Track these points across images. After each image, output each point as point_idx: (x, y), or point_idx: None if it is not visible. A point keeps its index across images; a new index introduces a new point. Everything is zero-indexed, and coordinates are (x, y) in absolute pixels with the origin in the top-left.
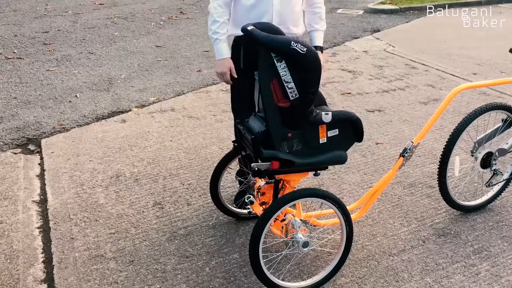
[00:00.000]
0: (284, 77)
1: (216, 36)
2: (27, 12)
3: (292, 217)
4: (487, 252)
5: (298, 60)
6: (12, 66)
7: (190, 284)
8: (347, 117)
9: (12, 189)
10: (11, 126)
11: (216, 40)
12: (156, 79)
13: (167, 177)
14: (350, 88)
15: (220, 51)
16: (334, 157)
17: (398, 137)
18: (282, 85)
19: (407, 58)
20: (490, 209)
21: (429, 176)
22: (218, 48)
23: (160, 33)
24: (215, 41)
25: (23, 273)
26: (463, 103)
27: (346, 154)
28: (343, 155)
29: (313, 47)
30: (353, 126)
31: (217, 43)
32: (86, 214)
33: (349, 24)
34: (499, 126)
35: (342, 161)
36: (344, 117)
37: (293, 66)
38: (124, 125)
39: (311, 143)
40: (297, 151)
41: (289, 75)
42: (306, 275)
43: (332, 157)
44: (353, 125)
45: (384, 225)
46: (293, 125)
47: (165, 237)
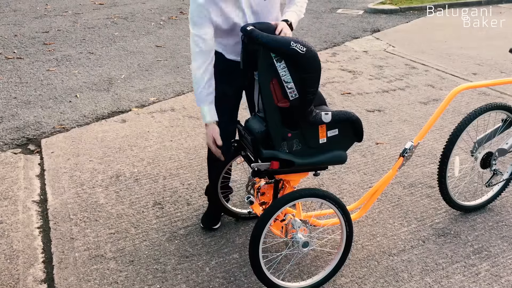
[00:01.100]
0: (284, 77)
1: (199, 97)
2: (27, 12)
3: (292, 217)
4: (487, 252)
5: (298, 60)
6: (12, 66)
7: (190, 284)
8: (347, 117)
9: (12, 189)
10: (11, 126)
11: (198, 102)
12: (156, 79)
13: (167, 177)
14: (350, 88)
15: (202, 113)
16: (334, 157)
17: (398, 137)
18: (282, 85)
19: (407, 58)
20: (490, 209)
21: (429, 176)
22: (201, 111)
23: (160, 33)
24: (198, 103)
25: (23, 273)
26: (463, 103)
27: (346, 154)
28: (343, 155)
29: (310, 46)
30: (353, 126)
31: (200, 105)
32: (86, 214)
33: (349, 24)
34: (499, 126)
35: (342, 161)
36: (344, 117)
37: (292, 66)
38: (124, 125)
39: (311, 143)
40: (297, 151)
41: (288, 75)
42: (306, 275)
43: (332, 157)
44: (353, 125)
45: (384, 225)
46: (292, 125)
47: (165, 237)
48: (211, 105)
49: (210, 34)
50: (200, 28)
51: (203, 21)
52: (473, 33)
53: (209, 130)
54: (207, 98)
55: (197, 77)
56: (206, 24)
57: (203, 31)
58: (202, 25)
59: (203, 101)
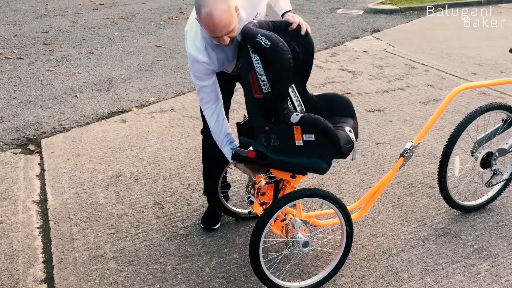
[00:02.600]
0: (258, 69)
1: (219, 142)
2: (27, 12)
3: (292, 217)
4: (487, 252)
5: (263, 54)
6: (12, 66)
7: (190, 284)
8: (313, 121)
9: (12, 189)
10: (11, 126)
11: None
12: (156, 79)
13: (167, 177)
14: (350, 88)
15: (226, 154)
16: (310, 163)
17: (398, 137)
18: (257, 77)
19: (407, 58)
20: (490, 209)
21: (429, 176)
22: (224, 152)
23: (160, 33)
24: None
25: (23, 273)
26: (463, 103)
27: (326, 165)
28: (322, 164)
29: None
30: (324, 134)
31: (220, 147)
32: (86, 214)
33: (349, 24)
34: (499, 126)
35: (319, 170)
36: (310, 121)
37: (262, 59)
38: (124, 125)
39: (288, 143)
40: (275, 147)
41: (261, 67)
42: (306, 275)
43: (308, 163)
44: (325, 133)
45: (384, 225)
46: (270, 119)
47: (165, 237)
48: (231, 145)
49: (215, 80)
50: (207, 81)
51: (208, 73)
52: (473, 33)
53: (240, 167)
54: (226, 140)
55: (211, 125)
56: (212, 74)
57: (209, 82)
58: (209, 77)
59: (223, 145)
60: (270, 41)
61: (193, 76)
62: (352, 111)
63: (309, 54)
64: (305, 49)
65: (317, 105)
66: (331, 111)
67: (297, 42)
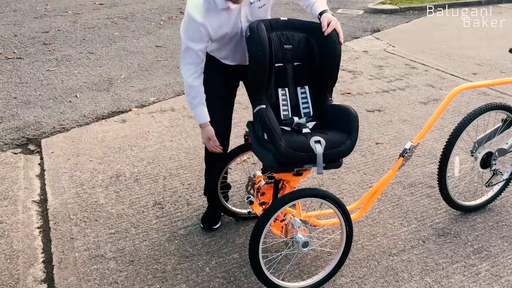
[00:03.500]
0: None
1: (193, 101)
2: (27, 12)
3: (292, 217)
4: (487, 252)
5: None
6: (12, 66)
7: (190, 284)
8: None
9: (12, 189)
10: (11, 126)
11: (191, 105)
12: (156, 79)
13: (167, 177)
14: (350, 88)
15: (197, 115)
16: (266, 156)
17: (398, 137)
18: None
19: (407, 58)
20: (490, 209)
21: (429, 176)
22: (196, 113)
23: (160, 33)
24: (191, 107)
25: (23, 273)
26: (463, 103)
27: (274, 161)
28: (270, 158)
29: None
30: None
31: (193, 108)
32: (86, 214)
33: (349, 24)
34: (499, 126)
35: (269, 164)
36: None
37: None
38: (124, 125)
39: (264, 136)
40: (260, 138)
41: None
42: (306, 275)
43: (264, 156)
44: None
45: (384, 225)
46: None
47: (165, 237)
48: (203, 107)
49: (204, 49)
50: (196, 43)
51: (200, 37)
52: (473, 33)
53: (204, 132)
54: (199, 101)
55: (188, 83)
56: (203, 40)
57: (199, 47)
58: (199, 40)
59: (196, 105)
60: (250, 31)
61: (184, 35)
62: (350, 128)
63: (328, 59)
64: (324, 52)
65: (326, 114)
66: (332, 123)
67: (317, 43)
